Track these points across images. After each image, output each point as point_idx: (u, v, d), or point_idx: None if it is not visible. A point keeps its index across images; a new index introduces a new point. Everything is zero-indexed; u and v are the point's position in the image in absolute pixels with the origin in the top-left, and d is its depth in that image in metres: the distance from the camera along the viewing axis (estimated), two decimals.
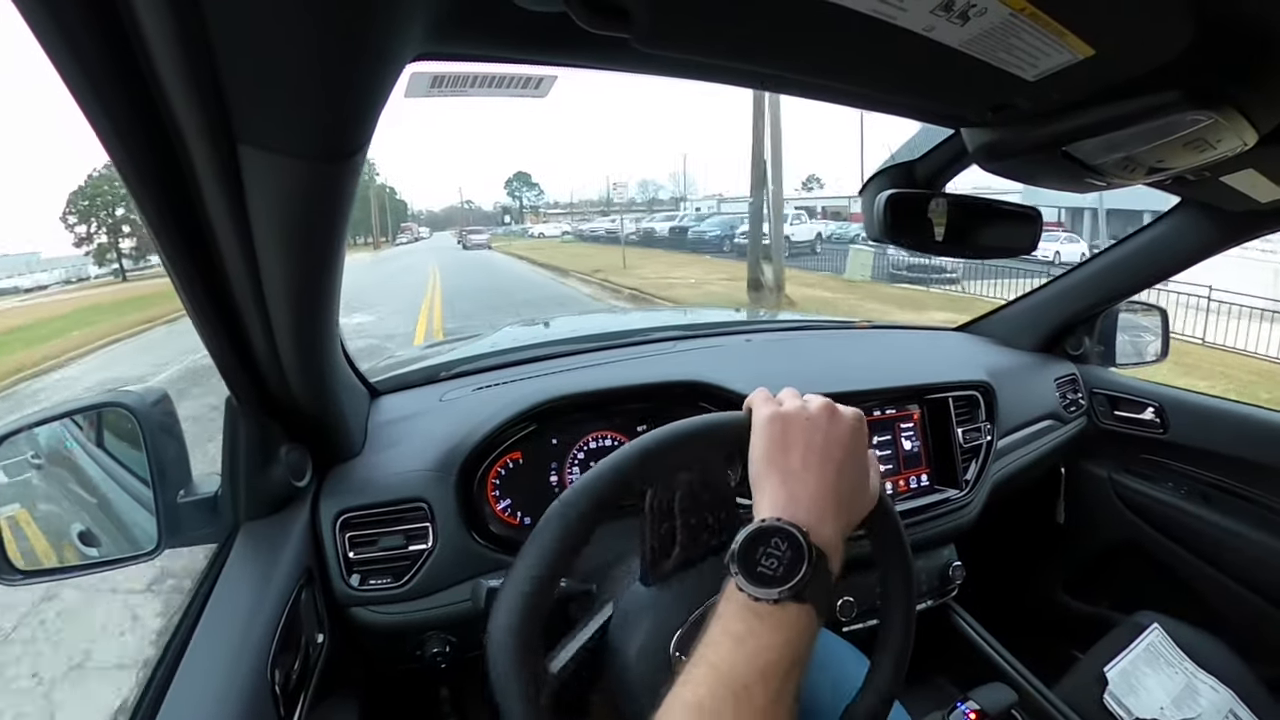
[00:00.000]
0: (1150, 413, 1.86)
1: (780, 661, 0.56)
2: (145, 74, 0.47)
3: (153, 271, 39.89)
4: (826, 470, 0.68)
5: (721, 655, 0.57)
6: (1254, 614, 1.66)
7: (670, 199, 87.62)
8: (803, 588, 0.59)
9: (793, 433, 0.70)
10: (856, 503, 0.71)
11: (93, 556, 0.95)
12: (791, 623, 0.58)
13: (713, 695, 0.54)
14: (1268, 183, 1.09)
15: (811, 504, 0.65)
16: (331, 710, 1.00)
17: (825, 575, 0.62)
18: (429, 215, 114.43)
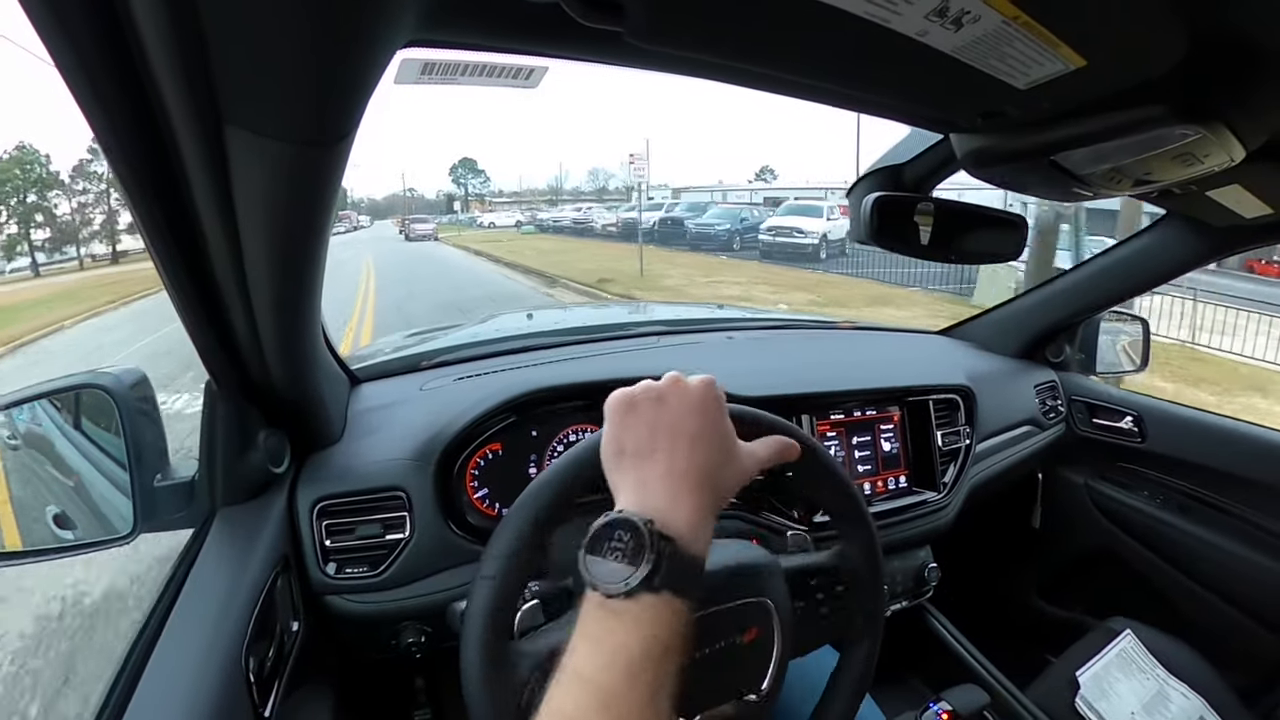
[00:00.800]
0: (1128, 421, 1.87)
1: (645, 658, 0.54)
2: (134, 52, 0.47)
3: (72, 266, 37.15)
4: (677, 447, 0.64)
5: (582, 660, 0.54)
6: (1226, 623, 1.68)
7: (622, 188, 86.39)
8: (651, 576, 0.55)
9: (635, 418, 0.67)
10: (724, 473, 0.66)
11: (68, 540, 0.94)
12: (650, 616, 0.56)
13: (577, 705, 0.52)
14: (1253, 199, 1.09)
15: (662, 487, 0.62)
16: (306, 699, 1.00)
17: (680, 559, 0.58)
18: (370, 203, 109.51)
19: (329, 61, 0.48)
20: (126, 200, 0.59)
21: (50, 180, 37.81)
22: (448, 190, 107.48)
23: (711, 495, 0.64)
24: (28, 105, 14.60)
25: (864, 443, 1.50)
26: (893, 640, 0.94)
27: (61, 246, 35.64)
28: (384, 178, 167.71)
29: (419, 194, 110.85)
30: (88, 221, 36.77)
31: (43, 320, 15.64)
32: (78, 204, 38.25)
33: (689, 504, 0.62)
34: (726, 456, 0.68)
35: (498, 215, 58.72)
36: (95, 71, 0.48)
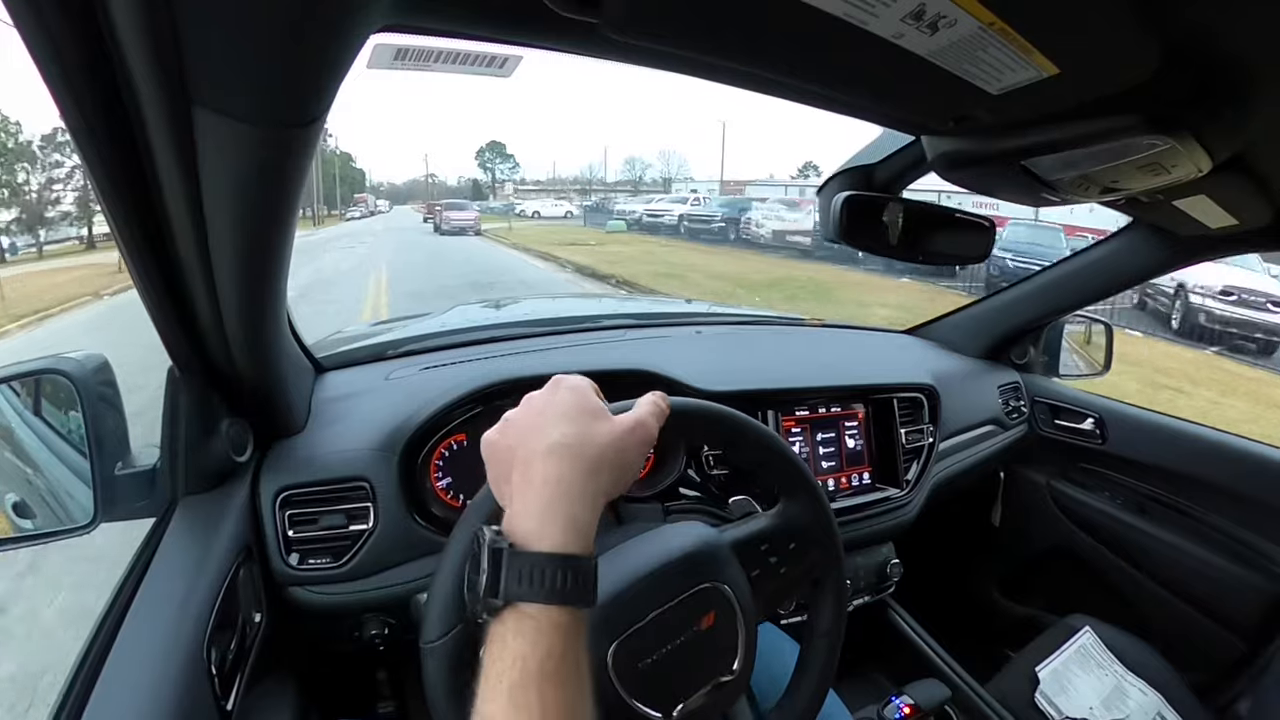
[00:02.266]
0: (1090, 423, 1.90)
1: (522, 681, 0.51)
2: (104, 30, 0.46)
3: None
4: (519, 454, 0.61)
5: (481, 695, 0.52)
6: (1183, 621, 1.71)
7: (661, 179, 79.86)
8: (492, 589, 0.54)
9: (496, 447, 0.65)
10: (584, 451, 0.62)
11: (26, 529, 0.92)
12: (512, 634, 0.53)
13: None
14: (1219, 210, 1.11)
15: (514, 496, 0.60)
16: (268, 691, 0.99)
17: (525, 565, 0.55)
18: (390, 188, 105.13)
19: (301, 44, 0.47)
20: (91, 181, 0.59)
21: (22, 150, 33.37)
22: (473, 176, 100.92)
23: (573, 475, 0.60)
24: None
25: (828, 439, 1.51)
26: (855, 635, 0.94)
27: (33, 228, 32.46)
28: (404, 162, 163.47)
29: (440, 180, 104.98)
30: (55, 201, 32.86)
31: None
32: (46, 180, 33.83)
33: (533, 500, 0.58)
34: (590, 429, 0.64)
35: (541, 203, 48.98)
36: (63, 48, 0.47)
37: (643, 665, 0.71)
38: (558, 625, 0.54)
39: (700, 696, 0.77)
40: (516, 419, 0.65)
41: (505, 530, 0.57)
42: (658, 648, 0.73)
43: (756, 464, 0.91)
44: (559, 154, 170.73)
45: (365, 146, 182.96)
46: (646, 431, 0.68)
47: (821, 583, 0.92)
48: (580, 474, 0.60)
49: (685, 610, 0.77)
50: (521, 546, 0.56)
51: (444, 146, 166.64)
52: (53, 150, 33.27)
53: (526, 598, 0.54)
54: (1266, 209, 1.10)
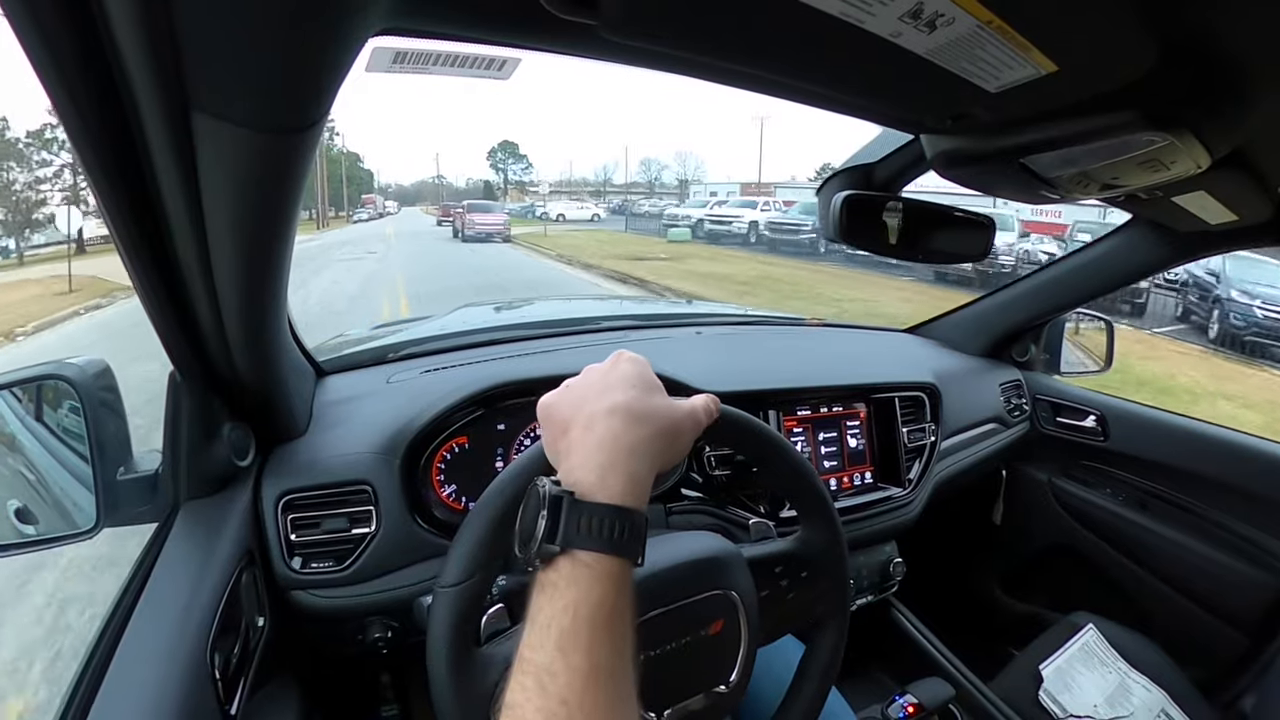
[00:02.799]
0: (1091, 420, 1.90)
1: (573, 628, 0.51)
2: (102, 35, 0.46)
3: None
4: (582, 411, 0.63)
5: (525, 643, 0.52)
6: (1187, 618, 1.71)
7: (677, 181, 77.37)
8: (551, 533, 0.55)
9: (555, 408, 0.66)
10: (659, 411, 0.65)
11: (30, 534, 0.92)
12: (567, 582, 0.54)
13: (522, 688, 0.50)
14: (1218, 205, 1.11)
15: (573, 449, 0.61)
16: (271, 695, 0.99)
17: (584, 514, 0.56)
18: (398, 189, 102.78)
19: (300, 48, 0.47)
20: (91, 186, 0.59)
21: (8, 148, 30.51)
22: (483, 178, 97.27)
23: (632, 438, 0.62)
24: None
25: (830, 439, 1.51)
26: (858, 634, 0.95)
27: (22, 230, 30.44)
28: (411, 163, 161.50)
29: (448, 182, 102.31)
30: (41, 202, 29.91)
31: None
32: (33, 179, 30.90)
33: (600, 449, 0.60)
34: (654, 400, 0.66)
35: (564, 205, 44.36)
36: (62, 54, 0.47)
37: (644, 657, 0.71)
38: (611, 575, 0.55)
39: (694, 702, 0.77)
40: (577, 384, 0.68)
41: (564, 482, 0.58)
42: (662, 643, 0.74)
43: (784, 487, 0.91)
44: (570, 156, 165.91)
45: (372, 147, 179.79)
46: (697, 421, 0.70)
47: (824, 622, 0.92)
48: (640, 436, 0.62)
49: (697, 612, 0.77)
50: (582, 497, 0.57)
51: (451, 148, 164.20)
52: (40, 148, 30.88)
53: (585, 545, 0.55)
54: (1266, 204, 1.10)
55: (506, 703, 0.50)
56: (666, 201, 37.91)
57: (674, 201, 35.15)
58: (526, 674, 0.50)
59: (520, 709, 0.49)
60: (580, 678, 0.50)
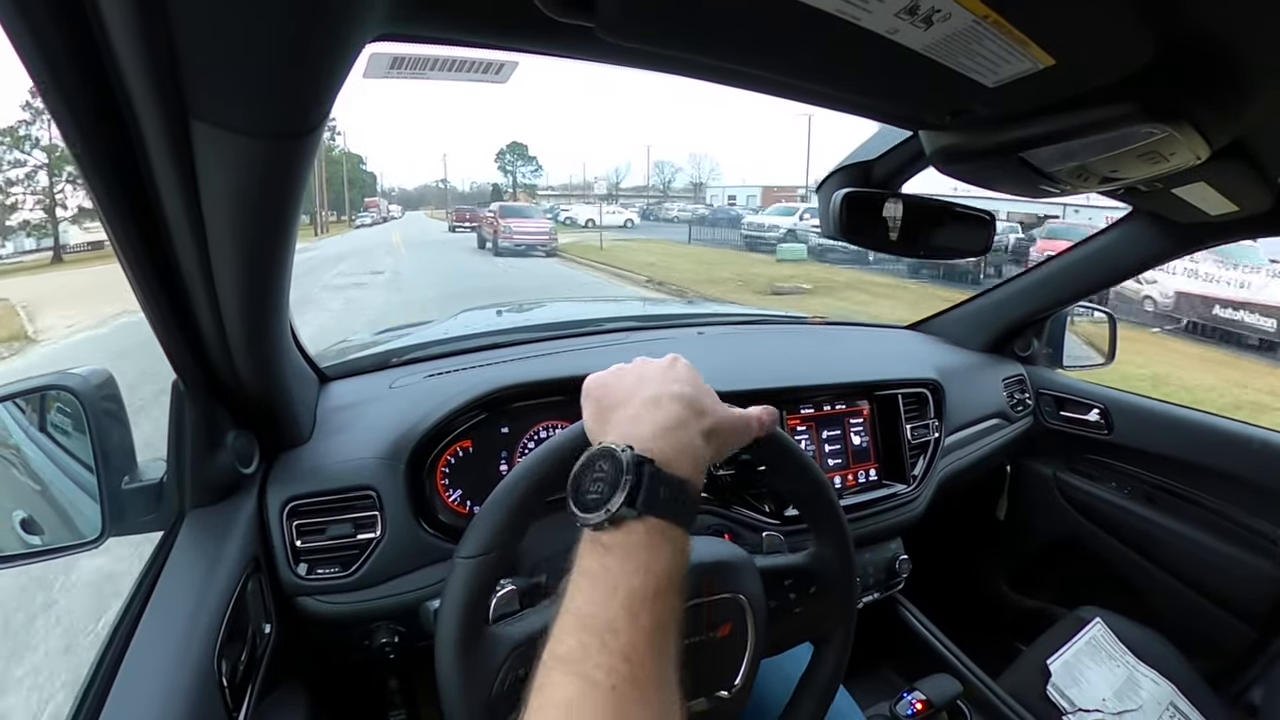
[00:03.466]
0: (1095, 414, 1.90)
1: (643, 589, 0.53)
2: (100, 45, 0.47)
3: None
4: (649, 387, 0.66)
5: (581, 599, 0.53)
6: (1194, 610, 1.71)
7: (691, 184, 74.84)
8: (631, 499, 0.55)
9: (611, 386, 0.69)
10: (712, 410, 0.68)
11: (35, 545, 0.92)
12: (641, 546, 0.55)
13: (580, 644, 0.50)
14: (1218, 196, 1.11)
15: (641, 417, 0.63)
16: (279, 701, 0.99)
17: (665, 483, 0.57)
18: (401, 193, 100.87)
19: (297, 55, 0.47)
20: (91, 194, 0.59)
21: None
22: (489, 181, 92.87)
23: (699, 422, 0.65)
24: None
25: (834, 436, 1.51)
26: (866, 631, 0.94)
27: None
28: (414, 166, 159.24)
29: (451, 186, 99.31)
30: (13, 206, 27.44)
31: None
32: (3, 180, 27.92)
33: (670, 426, 0.62)
34: (709, 398, 0.69)
35: (590, 210, 38.85)
36: (59, 62, 0.47)
37: None
38: (679, 544, 0.58)
39: (696, 704, 0.77)
40: (633, 370, 0.71)
41: (633, 445, 0.59)
42: None
43: (801, 502, 0.91)
44: (579, 158, 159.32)
45: (375, 149, 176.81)
46: (746, 433, 0.72)
47: (828, 639, 0.92)
48: (702, 428, 0.65)
49: (707, 613, 0.77)
50: (663, 466, 0.58)
51: (454, 152, 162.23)
52: (11, 147, 28.90)
53: (662, 513, 0.57)
54: (1266, 194, 1.10)
55: (559, 655, 0.51)
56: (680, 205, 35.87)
57: (685, 205, 32.75)
58: (586, 630, 0.51)
59: (579, 663, 0.49)
60: (644, 637, 0.51)
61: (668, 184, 79.97)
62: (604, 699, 0.48)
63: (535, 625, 0.74)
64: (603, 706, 0.48)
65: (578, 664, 0.49)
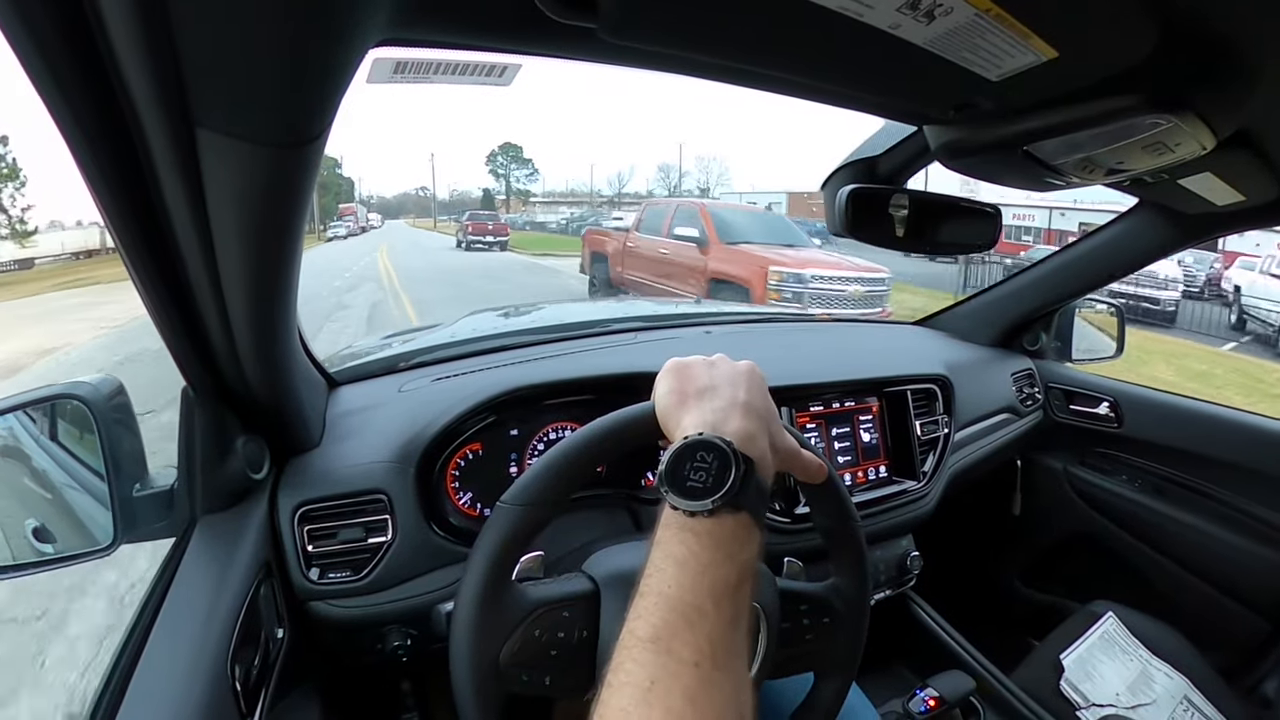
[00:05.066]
0: (1105, 407, 1.89)
1: (728, 578, 0.55)
2: (104, 54, 0.47)
3: None
4: (738, 386, 0.68)
5: (667, 581, 0.54)
6: (1207, 603, 1.70)
7: (698, 189, 70.34)
8: (735, 495, 0.57)
9: (693, 370, 0.70)
10: (776, 431, 0.70)
11: (47, 553, 0.92)
12: (730, 536, 0.57)
13: (666, 624, 0.52)
14: (1224, 186, 1.11)
15: (733, 415, 0.64)
16: (293, 706, 0.99)
17: (758, 483, 0.60)
18: (380, 201, 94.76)
19: (300, 62, 0.48)
20: (98, 204, 0.59)
21: None
22: (482, 186, 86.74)
23: (771, 436, 0.67)
24: None
25: (843, 434, 1.50)
26: (878, 629, 0.94)
27: None
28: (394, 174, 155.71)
29: (429, 193, 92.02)
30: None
31: None
32: None
33: (756, 432, 0.64)
34: (776, 418, 0.71)
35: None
36: (64, 74, 0.48)
37: None
38: (758, 540, 0.59)
39: None
40: (717, 361, 0.73)
41: (729, 437, 0.61)
42: None
43: (828, 533, 0.91)
44: (574, 162, 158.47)
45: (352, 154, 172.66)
46: (798, 468, 0.76)
47: (830, 674, 0.91)
48: (767, 444, 0.66)
49: None
50: (757, 469, 0.61)
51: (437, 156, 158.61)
52: None
53: (756, 511, 0.59)
54: (1273, 183, 1.10)
55: (642, 635, 0.52)
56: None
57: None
58: (672, 610, 0.52)
59: (665, 641, 0.51)
60: (725, 623, 0.53)
61: (674, 189, 75.27)
62: (689, 676, 0.49)
63: (558, 591, 0.75)
64: (687, 684, 0.49)
65: (664, 643, 0.51)
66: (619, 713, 0.49)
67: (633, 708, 0.49)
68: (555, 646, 0.73)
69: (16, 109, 1.67)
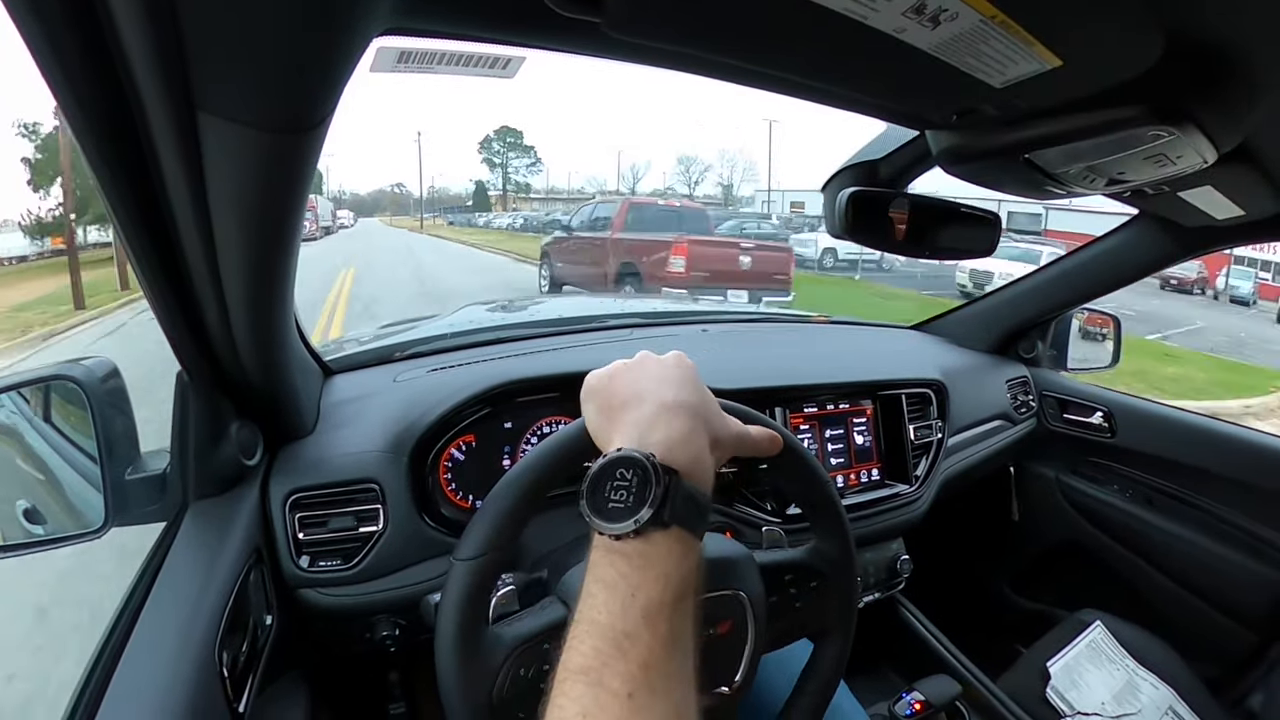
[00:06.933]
0: (1099, 417, 1.90)
1: (661, 598, 0.53)
2: (108, 37, 0.47)
3: None
4: (665, 389, 0.64)
5: (597, 607, 0.52)
6: (1194, 615, 1.71)
7: (720, 187, 63.58)
8: (659, 510, 0.55)
9: (616, 381, 0.67)
10: (713, 421, 0.66)
11: (38, 534, 0.92)
12: (662, 555, 0.55)
13: (597, 653, 0.50)
14: (1224, 200, 1.11)
15: (658, 422, 0.61)
16: (280, 693, 0.99)
17: (688, 493, 0.57)
18: (354, 198, 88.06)
19: (305, 48, 0.48)
20: (98, 188, 0.59)
21: None
22: (475, 179, 76.01)
23: (706, 433, 0.64)
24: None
25: (837, 436, 1.51)
26: (866, 631, 0.94)
27: None
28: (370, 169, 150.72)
29: (406, 190, 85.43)
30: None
31: None
32: None
33: (686, 436, 0.61)
34: (713, 408, 0.67)
35: None
36: (67, 56, 0.47)
37: None
38: (694, 552, 0.58)
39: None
40: (636, 365, 0.69)
41: (654, 454, 0.58)
42: None
43: (800, 495, 0.91)
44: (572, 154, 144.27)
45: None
46: (749, 448, 0.72)
47: (828, 635, 0.92)
48: (707, 439, 0.63)
49: (706, 610, 0.77)
50: (686, 478, 0.58)
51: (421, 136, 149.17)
52: None
53: (688, 524, 0.57)
54: (1273, 199, 1.10)
55: (574, 667, 0.50)
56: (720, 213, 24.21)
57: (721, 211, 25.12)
58: (602, 638, 0.51)
59: (596, 672, 0.49)
60: (662, 645, 0.51)
61: (694, 184, 69.79)
62: (621, 708, 0.48)
63: (535, 625, 0.74)
64: (618, 714, 0.47)
65: (594, 673, 0.49)
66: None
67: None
68: (544, 679, 0.73)
69: None
